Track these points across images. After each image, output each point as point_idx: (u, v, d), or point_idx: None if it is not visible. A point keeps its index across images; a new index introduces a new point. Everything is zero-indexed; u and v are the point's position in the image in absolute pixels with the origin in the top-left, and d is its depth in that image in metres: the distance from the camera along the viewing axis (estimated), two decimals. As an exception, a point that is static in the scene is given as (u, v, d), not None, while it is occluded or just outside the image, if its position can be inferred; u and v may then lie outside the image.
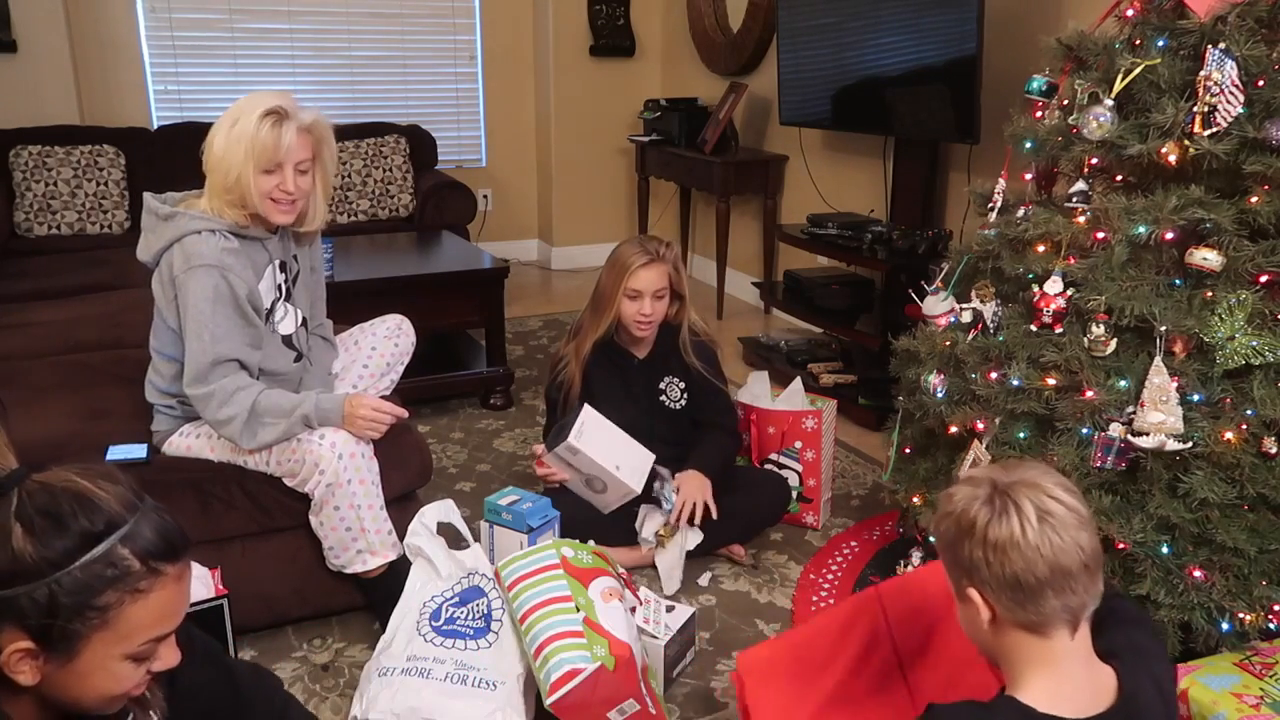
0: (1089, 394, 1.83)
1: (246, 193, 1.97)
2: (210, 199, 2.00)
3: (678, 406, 2.56)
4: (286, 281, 2.16)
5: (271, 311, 2.10)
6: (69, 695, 1.06)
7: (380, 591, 2.07)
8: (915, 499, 2.20)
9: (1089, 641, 1.21)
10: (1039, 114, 2.11)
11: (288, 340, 2.15)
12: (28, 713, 1.07)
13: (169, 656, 1.10)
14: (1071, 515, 1.16)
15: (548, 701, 1.67)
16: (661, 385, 2.56)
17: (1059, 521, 1.15)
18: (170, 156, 4.19)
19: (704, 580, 2.41)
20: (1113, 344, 1.84)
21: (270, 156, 1.96)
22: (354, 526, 2.01)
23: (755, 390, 2.75)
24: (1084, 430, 1.85)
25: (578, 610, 1.74)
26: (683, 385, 2.57)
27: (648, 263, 2.41)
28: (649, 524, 2.40)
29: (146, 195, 2.04)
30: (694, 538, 2.39)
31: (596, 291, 2.49)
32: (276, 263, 2.11)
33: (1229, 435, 1.71)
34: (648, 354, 2.56)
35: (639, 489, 2.35)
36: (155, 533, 1.04)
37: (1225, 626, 1.75)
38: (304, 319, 2.22)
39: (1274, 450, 1.73)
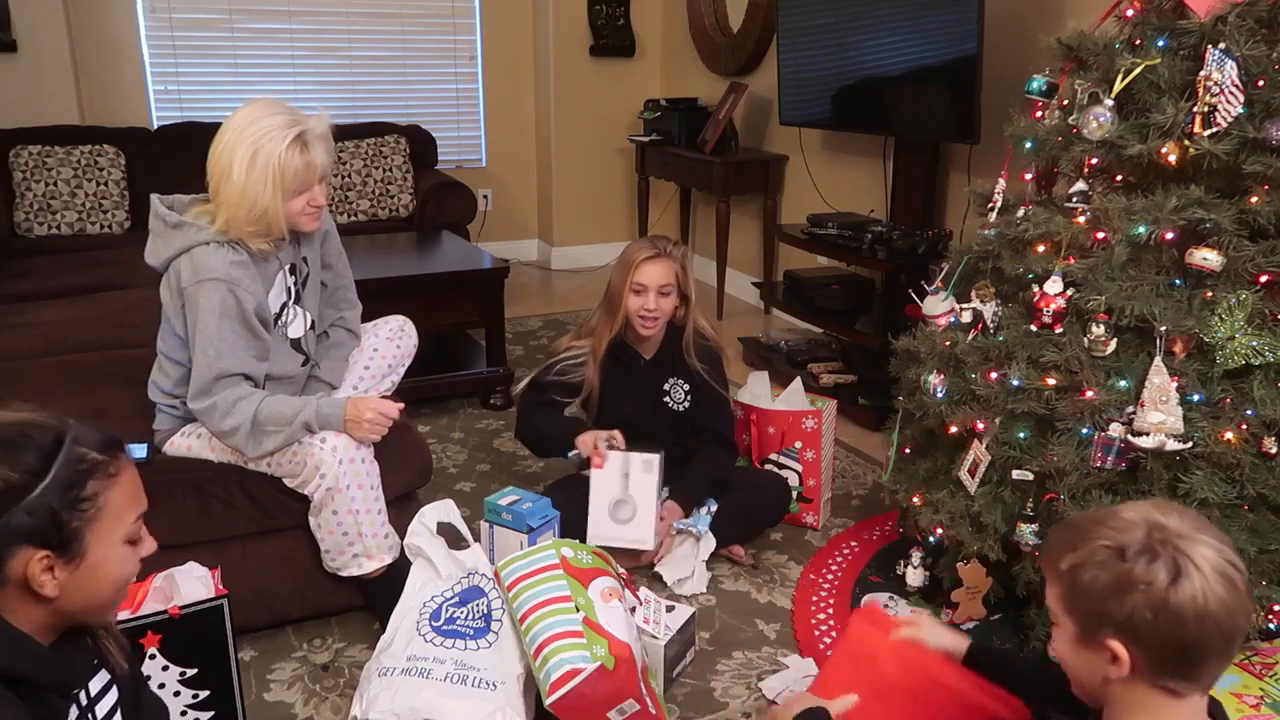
0: (1089, 394, 1.83)
1: (275, 221, 1.96)
2: (231, 228, 1.95)
3: (681, 409, 2.56)
4: (296, 284, 2.16)
5: (280, 315, 2.10)
6: (87, 596, 1.15)
7: (380, 592, 2.07)
8: (915, 499, 2.20)
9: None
10: (1039, 114, 2.11)
11: (295, 344, 2.16)
12: (39, 632, 1.15)
13: (150, 539, 1.23)
14: (1240, 577, 1.06)
15: (547, 701, 1.67)
16: (666, 386, 2.56)
17: (1236, 588, 1.05)
18: (170, 156, 4.20)
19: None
20: (1113, 344, 1.84)
21: (304, 183, 1.96)
22: (351, 531, 2.01)
23: (755, 390, 2.75)
24: (1084, 430, 1.85)
25: (577, 610, 1.74)
26: (687, 388, 2.57)
27: (653, 256, 2.43)
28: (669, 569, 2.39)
29: (153, 198, 2.03)
30: (707, 545, 2.39)
31: (608, 290, 2.51)
32: (286, 267, 2.11)
33: (1229, 435, 1.71)
34: (654, 354, 2.57)
35: (652, 547, 2.36)
36: (93, 431, 1.16)
37: (1225, 626, 1.75)
38: (312, 321, 2.22)
39: (1274, 450, 1.73)
